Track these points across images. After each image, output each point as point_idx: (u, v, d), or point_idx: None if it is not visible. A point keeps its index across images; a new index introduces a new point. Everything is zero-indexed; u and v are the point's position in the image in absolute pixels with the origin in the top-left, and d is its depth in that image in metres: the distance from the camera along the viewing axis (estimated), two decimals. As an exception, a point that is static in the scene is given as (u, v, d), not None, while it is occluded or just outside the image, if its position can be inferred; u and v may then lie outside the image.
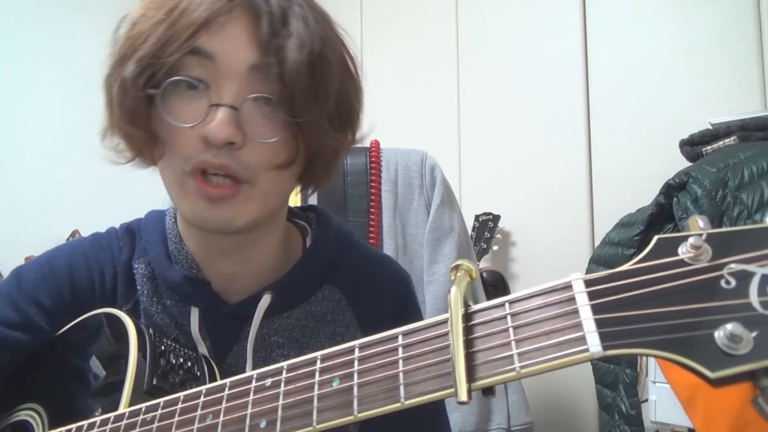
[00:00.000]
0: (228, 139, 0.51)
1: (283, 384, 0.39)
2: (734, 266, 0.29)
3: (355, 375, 0.36)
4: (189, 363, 0.59)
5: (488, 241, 1.89)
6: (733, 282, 0.29)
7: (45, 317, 0.61)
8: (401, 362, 0.35)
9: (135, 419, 0.46)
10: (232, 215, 0.54)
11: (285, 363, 0.40)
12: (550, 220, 1.94)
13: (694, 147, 1.43)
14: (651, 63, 1.79)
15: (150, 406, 0.46)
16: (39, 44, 2.34)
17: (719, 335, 0.28)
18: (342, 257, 0.68)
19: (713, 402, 0.94)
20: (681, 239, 0.31)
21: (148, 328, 0.58)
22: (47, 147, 2.32)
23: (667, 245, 0.31)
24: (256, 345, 0.62)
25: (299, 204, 0.76)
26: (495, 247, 1.92)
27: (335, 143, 0.58)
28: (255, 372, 0.42)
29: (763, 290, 0.28)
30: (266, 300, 0.61)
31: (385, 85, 2.31)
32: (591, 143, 1.91)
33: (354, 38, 0.61)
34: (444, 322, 0.35)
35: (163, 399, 0.45)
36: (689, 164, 1.33)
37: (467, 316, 0.34)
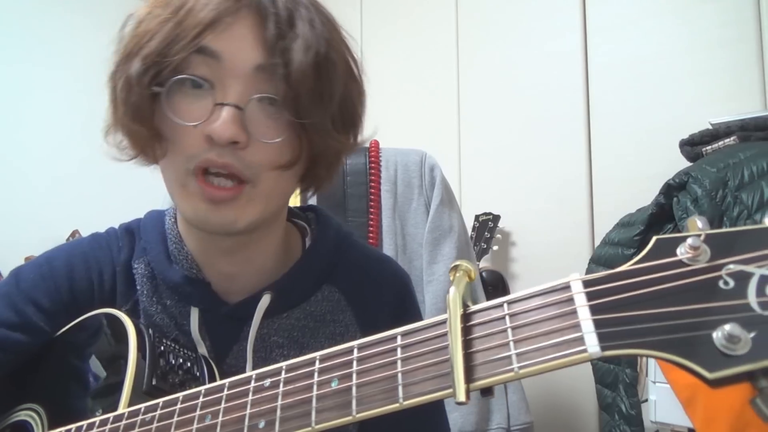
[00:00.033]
0: (232, 138, 0.51)
1: (282, 384, 0.39)
2: (733, 267, 0.29)
3: (354, 375, 0.36)
4: (188, 363, 0.59)
5: (488, 241, 1.89)
6: (732, 283, 0.29)
7: (44, 318, 0.61)
8: (400, 363, 0.35)
9: (134, 419, 0.46)
10: (234, 217, 0.54)
11: (284, 363, 0.40)
12: (550, 220, 1.94)
13: (694, 147, 1.43)
14: (651, 63, 1.79)
15: (149, 407, 0.46)
16: (39, 44, 2.34)
17: (717, 336, 0.28)
18: (341, 257, 0.68)
19: (713, 402, 0.94)
20: (679, 240, 0.31)
21: (148, 329, 0.58)
22: (47, 147, 2.32)
23: (666, 246, 0.31)
24: (256, 345, 0.62)
25: (299, 204, 0.76)
26: (495, 247, 1.92)
27: (338, 145, 0.58)
28: (254, 372, 0.42)
29: (762, 291, 0.28)
30: (266, 300, 0.61)
31: (386, 85, 2.30)
32: (591, 143, 1.91)
33: (354, 38, 0.61)
34: (443, 323, 0.35)
35: (162, 399, 0.45)
36: (689, 164, 1.33)
37: (466, 317, 0.34)
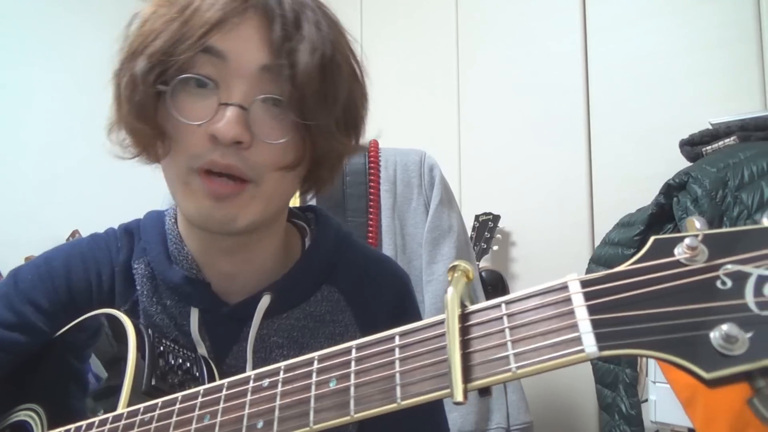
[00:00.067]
0: (236, 138, 0.51)
1: (281, 384, 0.39)
2: (730, 267, 0.29)
3: (352, 375, 0.36)
4: (188, 364, 0.59)
5: (488, 241, 1.89)
6: (729, 283, 0.29)
7: (42, 318, 0.61)
8: (398, 363, 0.35)
9: (133, 419, 0.46)
10: (236, 213, 0.54)
11: (282, 363, 0.40)
12: (550, 220, 1.94)
13: (694, 147, 1.43)
14: (651, 63, 1.79)
15: (148, 407, 0.46)
16: (39, 44, 2.34)
17: (715, 336, 0.28)
18: (341, 257, 0.68)
19: (713, 402, 0.94)
20: (677, 240, 0.31)
21: (147, 329, 0.58)
22: (47, 146, 2.32)
23: (664, 246, 0.31)
24: (256, 345, 0.62)
25: (298, 204, 0.76)
26: (495, 247, 1.92)
27: (341, 147, 0.59)
28: (253, 372, 0.42)
29: (759, 291, 0.28)
30: (266, 301, 0.61)
31: (386, 85, 2.30)
32: (591, 143, 1.91)
33: (355, 39, 0.61)
34: (440, 323, 0.35)
35: (162, 399, 0.45)
36: (689, 164, 1.33)
37: (464, 317, 0.34)
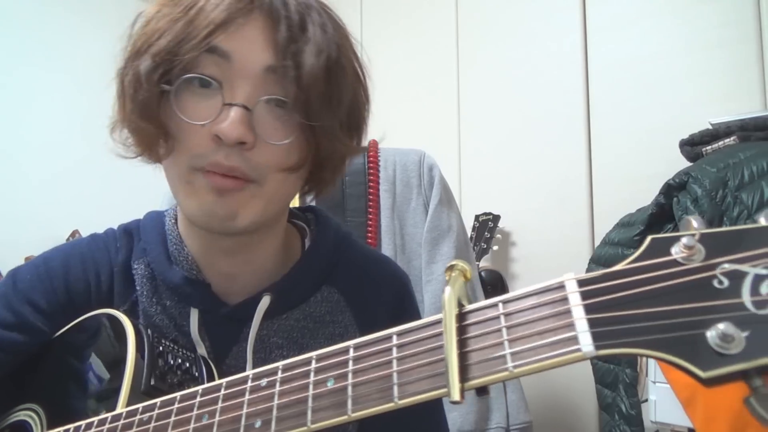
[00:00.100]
0: (239, 139, 0.51)
1: (279, 384, 0.39)
2: (727, 266, 0.29)
3: (350, 375, 0.36)
4: (187, 364, 0.59)
5: (488, 241, 1.89)
6: (726, 282, 0.29)
7: (41, 318, 0.61)
8: (395, 362, 0.35)
9: (132, 419, 0.46)
10: (237, 208, 0.54)
11: (280, 363, 0.40)
12: (550, 220, 1.94)
13: (694, 147, 1.43)
14: (651, 63, 1.79)
15: (147, 406, 0.46)
16: (39, 44, 2.34)
17: (711, 335, 0.28)
18: (341, 258, 0.68)
19: (713, 402, 0.94)
20: (674, 239, 0.31)
21: (147, 329, 0.58)
22: (47, 146, 2.32)
23: (661, 245, 0.31)
24: (256, 346, 0.62)
25: (298, 204, 0.76)
26: (495, 247, 1.92)
27: (344, 148, 0.59)
28: (251, 372, 0.42)
29: (756, 290, 0.28)
30: (265, 302, 0.61)
31: (386, 86, 2.30)
32: (591, 143, 1.91)
33: (355, 39, 0.62)
34: (438, 322, 0.35)
35: (160, 399, 0.45)
36: (689, 164, 1.33)
37: (461, 316, 0.34)
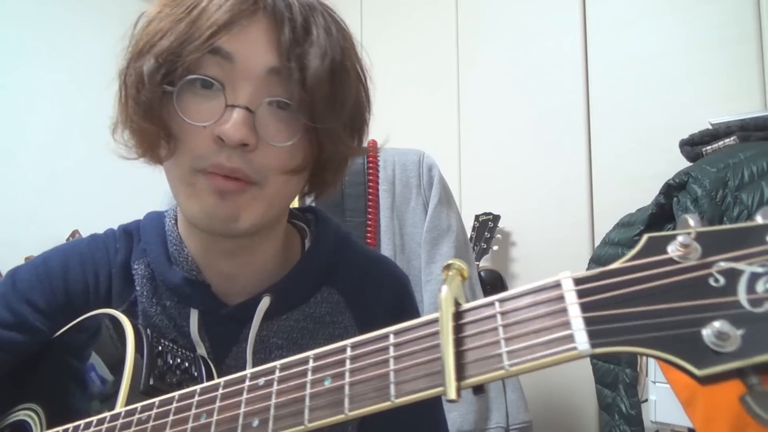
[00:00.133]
0: (242, 140, 0.51)
1: (276, 383, 0.39)
2: (723, 264, 0.29)
3: (347, 374, 0.36)
4: (186, 363, 0.59)
5: (488, 241, 1.89)
6: (722, 280, 0.29)
7: (40, 318, 0.61)
8: (392, 361, 0.35)
9: (130, 418, 0.46)
10: (238, 211, 0.54)
11: (278, 362, 0.40)
12: (550, 220, 1.94)
13: (694, 147, 1.43)
14: (651, 63, 1.79)
15: (145, 406, 0.46)
16: (39, 44, 2.35)
17: (707, 333, 0.28)
18: (340, 258, 0.68)
19: (713, 402, 0.94)
20: (670, 237, 0.31)
21: (146, 329, 0.58)
22: (48, 147, 2.32)
23: (657, 243, 0.31)
24: (256, 347, 0.62)
25: (297, 205, 0.76)
26: (495, 247, 1.92)
27: (347, 150, 0.59)
28: (248, 371, 0.41)
29: (752, 288, 0.28)
30: (265, 302, 0.61)
31: (386, 86, 2.30)
32: (591, 143, 1.91)
33: (356, 39, 0.62)
34: (434, 321, 0.35)
35: (159, 398, 0.45)
36: (689, 164, 1.33)
37: (457, 315, 0.34)
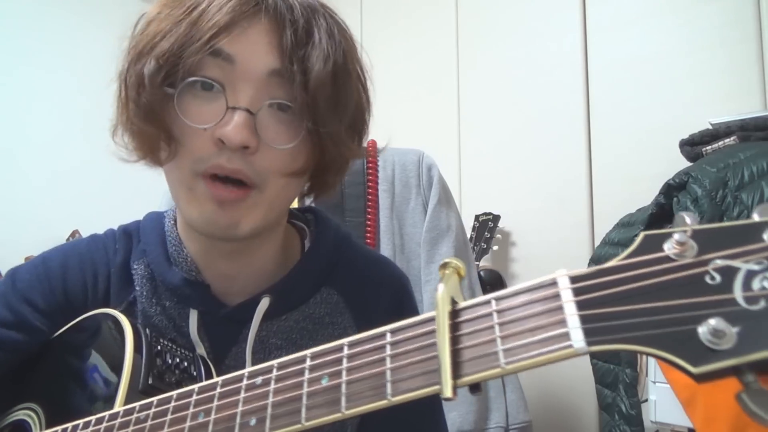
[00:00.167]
0: (243, 143, 0.51)
1: (273, 382, 0.39)
2: (719, 262, 0.29)
3: (344, 372, 0.36)
4: (185, 363, 0.59)
5: (488, 241, 1.89)
6: (718, 278, 0.29)
7: (40, 317, 0.61)
8: (389, 359, 0.35)
9: (129, 418, 0.46)
10: (239, 219, 0.54)
11: (276, 361, 0.40)
12: (550, 220, 1.94)
13: (694, 147, 1.43)
14: (651, 63, 1.79)
15: (144, 405, 0.46)
16: (39, 44, 2.35)
17: (703, 331, 0.28)
18: (340, 259, 0.68)
19: (713, 402, 0.94)
20: (667, 236, 0.31)
21: (145, 328, 0.58)
22: (48, 147, 2.33)
23: (653, 241, 0.31)
24: (255, 347, 0.62)
25: (297, 205, 0.76)
26: (495, 247, 1.92)
27: (349, 152, 0.59)
28: (246, 370, 0.42)
29: (748, 286, 0.28)
30: (265, 303, 0.61)
31: (386, 86, 2.31)
32: (591, 143, 1.91)
33: (356, 39, 0.62)
34: (431, 320, 0.35)
35: (157, 398, 0.45)
36: (689, 164, 1.33)
37: (454, 314, 0.34)
